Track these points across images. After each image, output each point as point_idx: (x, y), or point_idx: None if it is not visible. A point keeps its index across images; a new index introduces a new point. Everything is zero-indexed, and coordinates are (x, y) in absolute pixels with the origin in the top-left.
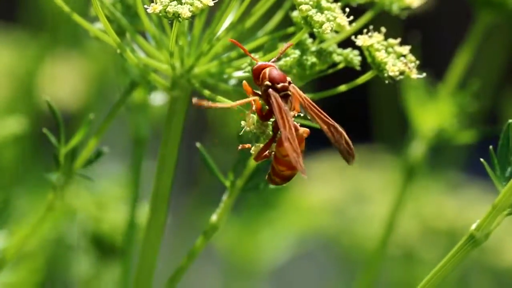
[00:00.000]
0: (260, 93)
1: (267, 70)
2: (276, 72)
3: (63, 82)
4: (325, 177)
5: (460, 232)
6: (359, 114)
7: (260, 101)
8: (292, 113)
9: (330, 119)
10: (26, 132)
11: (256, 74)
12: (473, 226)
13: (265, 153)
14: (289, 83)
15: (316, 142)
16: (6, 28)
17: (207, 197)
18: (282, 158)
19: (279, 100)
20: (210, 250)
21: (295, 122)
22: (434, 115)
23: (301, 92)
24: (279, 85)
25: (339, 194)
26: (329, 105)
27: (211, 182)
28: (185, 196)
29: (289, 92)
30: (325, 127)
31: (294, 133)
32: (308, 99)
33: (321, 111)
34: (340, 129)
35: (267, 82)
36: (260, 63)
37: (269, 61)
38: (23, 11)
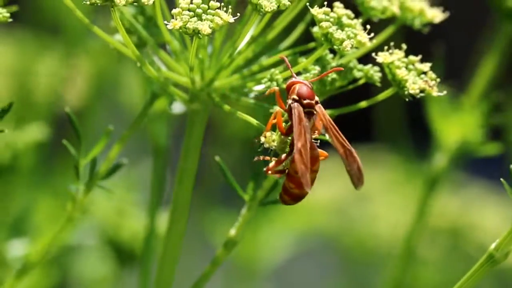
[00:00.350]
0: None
1: (297, 86)
2: (305, 89)
3: (65, 81)
4: (326, 176)
5: (461, 232)
6: (361, 114)
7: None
8: (313, 133)
9: (348, 143)
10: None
11: (288, 90)
12: (492, 246)
13: (279, 169)
14: (316, 102)
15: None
16: (7, 27)
17: (209, 198)
18: (294, 175)
19: (302, 114)
20: (210, 250)
21: (313, 141)
22: (457, 127)
23: (326, 113)
24: (305, 101)
25: (340, 193)
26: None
27: (213, 184)
28: None
29: (313, 110)
30: (341, 150)
31: (308, 149)
32: (332, 121)
33: (341, 134)
34: (355, 154)
35: (294, 96)
36: (294, 79)
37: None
38: (24, 11)
